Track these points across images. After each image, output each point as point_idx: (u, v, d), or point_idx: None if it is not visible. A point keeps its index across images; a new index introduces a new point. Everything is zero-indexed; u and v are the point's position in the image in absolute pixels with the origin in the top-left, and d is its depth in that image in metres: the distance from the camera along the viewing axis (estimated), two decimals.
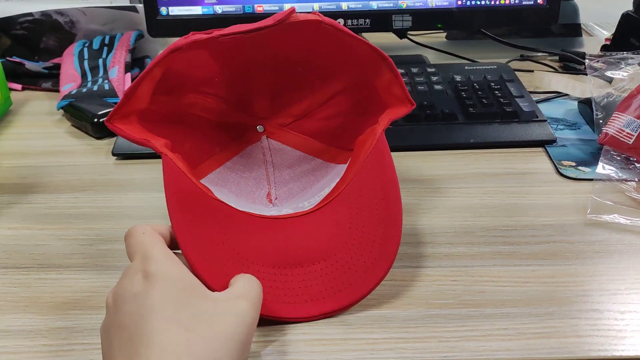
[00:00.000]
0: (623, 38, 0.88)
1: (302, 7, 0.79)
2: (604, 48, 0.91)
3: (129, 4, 0.93)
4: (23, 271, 0.49)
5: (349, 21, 0.79)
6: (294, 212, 0.49)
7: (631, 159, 0.61)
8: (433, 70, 0.78)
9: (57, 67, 0.85)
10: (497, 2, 0.79)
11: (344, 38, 0.48)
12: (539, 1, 0.79)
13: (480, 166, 0.64)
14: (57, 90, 0.81)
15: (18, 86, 0.85)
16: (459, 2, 0.79)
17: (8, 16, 0.89)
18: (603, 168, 0.60)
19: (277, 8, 0.79)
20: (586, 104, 0.71)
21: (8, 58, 0.88)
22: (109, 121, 0.47)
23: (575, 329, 0.42)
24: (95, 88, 0.78)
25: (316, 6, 0.79)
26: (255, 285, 0.40)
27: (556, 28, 1.01)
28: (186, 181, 0.45)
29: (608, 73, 0.71)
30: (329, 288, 0.44)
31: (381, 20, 0.79)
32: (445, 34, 1.03)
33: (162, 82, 0.47)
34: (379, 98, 0.52)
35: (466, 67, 0.79)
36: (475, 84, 0.75)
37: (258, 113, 0.58)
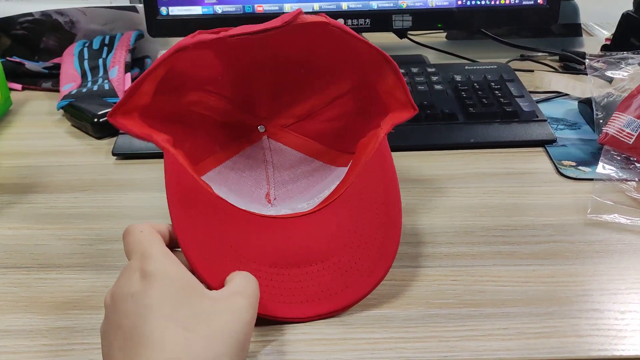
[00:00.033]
0: (623, 38, 0.88)
1: (302, 7, 0.79)
2: (604, 48, 0.91)
3: (129, 4, 0.93)
4: (23, 271, 0.49)
5: (349, 21, 0.79)
6: (293, 213, 0.49)
7: (631, 159, 0.61)
8: (433, 70, 0.78)
9: (57, 67, 0.85)
10: (497, 2, 0.79)
11: (349, 40, 0.48)
12: (539, 1, 0.79)
13: (480, 166, 0.64)
14: (57, 90, 0.81)
15: (18, 86, 0.85)
16: (459, 2, 0.79)
17: (8, 16, 0.89)
18: (603, 168, 0.60)
19: (277, 8, 0.79)
20: (586, 104, 0.71)
21: (8, 58, 0.88)
22: (112, 116, 0.46)
23: (575, 329, 0.42)
24: (95, 88, 0.78)
25: (316, 6, 0.79)
26: (251, 281, 0.40)
27: (556, 28, 1.01)
28: (187, 177, 0.45)
29: (608, 73, 0.71)
30: (325, 290, 0.44)
31: (381, 20, 0.79)
32: (445, 34, 1.03)
33: (165, 81, 0.47)
34: (381, 101, 0.52)
35: (466, 67, 0.79)
36: (475, 84, 0.75)
37: (260, 113, 0.58)
